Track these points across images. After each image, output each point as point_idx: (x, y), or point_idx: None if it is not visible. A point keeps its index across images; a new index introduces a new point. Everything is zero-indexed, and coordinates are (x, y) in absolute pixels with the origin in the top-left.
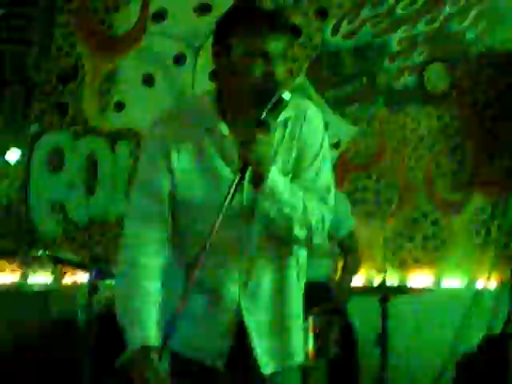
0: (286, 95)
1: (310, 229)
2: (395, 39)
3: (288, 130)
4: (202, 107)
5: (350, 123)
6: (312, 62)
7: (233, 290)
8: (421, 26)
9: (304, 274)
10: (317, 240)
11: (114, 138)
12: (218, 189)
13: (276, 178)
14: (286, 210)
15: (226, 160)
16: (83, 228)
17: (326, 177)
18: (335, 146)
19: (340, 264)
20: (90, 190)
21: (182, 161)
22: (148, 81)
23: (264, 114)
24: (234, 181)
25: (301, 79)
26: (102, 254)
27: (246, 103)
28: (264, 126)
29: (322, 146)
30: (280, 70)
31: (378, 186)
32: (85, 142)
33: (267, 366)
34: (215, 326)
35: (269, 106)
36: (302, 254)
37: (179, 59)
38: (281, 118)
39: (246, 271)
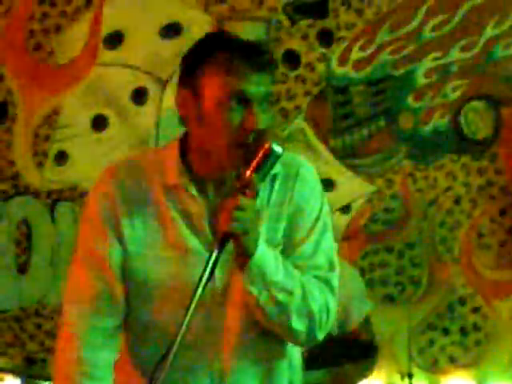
0: (277, 148)
1: (311, 319)
2: (422, 70)
3: (276, 192)
4: (164, 160)
5: (363, 180)
6: (314, 99)
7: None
8: (455, 53)
9: (299, 382)
10: (320, 335)
11: (53, 199)
12: (183, 265)
13: (266, 253)
14: (281, 297)
15: (194, 228)
16: (13, 319)
17: (328, 251)
18: (344, 210)
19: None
20: (22, 269)
21: (135, 228)
22: (99, 124)
23: (248, 173)
24: (209, 257)
25: (299, 123)
26: (37, 354)
27: (222, 160)
28: (249, 187)
29: (320, 212)
30: (263, 118)
31: (402, 262)
32: (15, 204)
33: None
34: None
35: (254, 163)
36: (295, 354)
37: (140, 96)
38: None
39: (218, 377)
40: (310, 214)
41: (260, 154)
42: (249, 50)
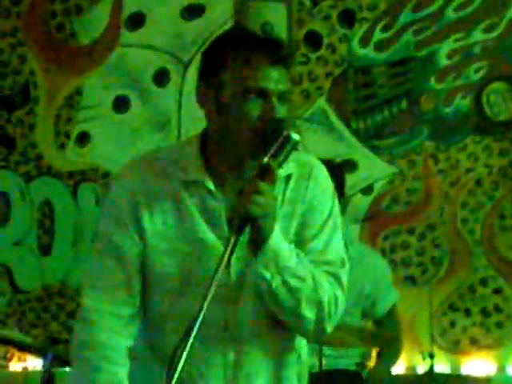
0: (295, 135)
1: (320, 309)
2: (444, 51)
3: (289, 191)
4: (184, 156)
5: (385, 161)
6: (335, 80)
7: None
8: (478, 34)
9: (306, 374)
10: (328, 327)
11: (76, 180)
12: (200, 259)
13: (280, 239)
14: (293, 282)
15: (211, 223)
16: (36, 299)
17: (338, 249)
18: (366, 191)
19: (376, 349)
20: (45, 249)
21: (154, 222)
22: (121, 105)
23: (267, 159)
24: (227, 241)
25: (320, 104)
26: (60, 333)
27: (241, 150)
28: (268, 173)
29: (331, 212)
30: (281, 109)
31: (423, 244)
32: (38, 185)
33: None
34: None
35: (272, 149)
36: (304, 348)
37: (161, 77)
38: (282, 173)
39: (232, 369)
40: (321, 213)
41: (278, 142)
42: (268, 45)
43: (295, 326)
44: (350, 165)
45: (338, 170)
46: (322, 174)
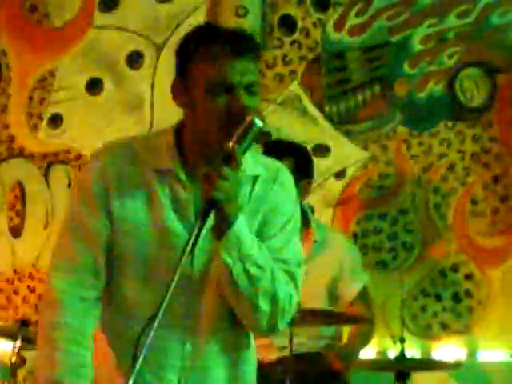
0: (259, 121)
1: (276, 304)
2: (418, 37)
3: (255, 191)
4: (158, 145)
5: (358, 146)
6: (309, 65)
7: (172, 379)
8: (452, 20)
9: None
10: (281, 324)
11: (48, 162)
12: (166, 248)
13: (244, 227)
14: (253, 270)
15: (180, 213)
16: (6, 281)
17: (296, 250)
18: (339, 175)
19: (346, 332)
20: (16, 231)
21: (124, 208)
22: (94, 87)
23: (231, 144)
24: (192, 231)
25: (294, 88)
26: (30, 316)
27: (211, 144)
28: (232, 158)
29: (292, 216)
30: (249, 101)
31: (395, 228)
32: (10, 167)
33: None
34: None
35: (236, 135)
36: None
37: (135, 60)
38: (250, 173)
39: (189, 360)
40: (283, 214)
41: (242, 127)
42: (234, 40)
43: (249, 319)
44: (323, 149)
45: (308, 154)
46: (288, 179)
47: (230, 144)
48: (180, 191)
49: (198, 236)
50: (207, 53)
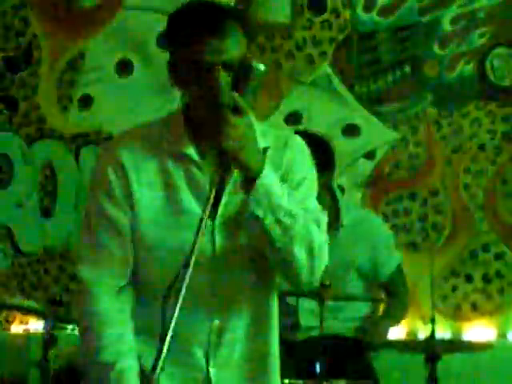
0: (258, 65)
1: (312, 250)
2: (448, 17)
3: (267, 160)
4: (171, 129)
5: (388, 127)
6: (339, 46)
7: (199, 355)
8: (482, 0)
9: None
10: (319, 272)
11: (78, 143)
12: (187, 229)
13: (272, 176)
14: (285, 220)
15: (198, 195)
16: (37, 261)
17: (316, 203)
18: (369, 156)
19: (381, 310)
20: (47, 212)
21: (143, 195)
22: (124, 68)
23: (235, 94)
24: (210, 190)
25: (324, 69)
26: (61, 296)
27: (208, 123)
28: (237, 108)
29: (309, 173)
30: (225, 78)
31: (425, 209)
32: (40, 147)
33: None
34: None
35: (237, 84)
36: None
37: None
38: (260, 145)
39: (216, 335)
40: (299, 172)
41: (242, 72)
42: (208, 20)
43: (289, 272)
44: (353, 130)
45: (327, 145)
46: (298, 143)
47: (234, 93)
48: (195, 173)
49: (217, 200)
50: (185, 34)
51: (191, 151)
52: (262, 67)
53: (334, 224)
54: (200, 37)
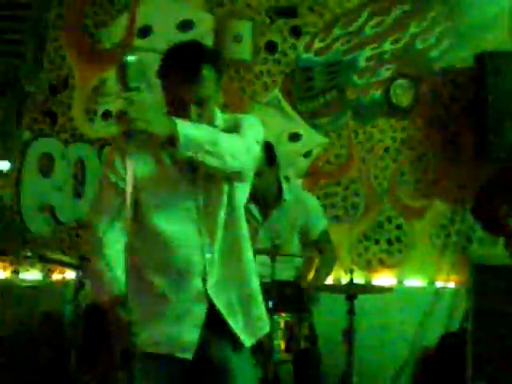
0: (129, 57)
1: (240, 155)
2: (363, 56)
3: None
4: None
5: (320, 134)
6: (286, 76)
7: (194, 283)
8: (387, 45)
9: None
10: (251, 163)
11: (100, 144)
12: (170, 186)
13: (186, 127)
14: (211, 148)
15: (177, 164)
16: (71, 229)
17: (253, 140)
18: (307, 155)
19: (315, 264)
20: (78, 194)
21: (139, 165)
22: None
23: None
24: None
25: (275, 93)
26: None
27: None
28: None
29: (251, 125)
30: (196, 110)
31: (346, 193)
32: (73, 148)
33: (248, 340)
34: (190, 320)
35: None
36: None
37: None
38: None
39: (209, 279)
40: (245, 122)
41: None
42: (188, 65)
43: (233, 174)
44: (296, 137)
45: (272, 148)
46: (248, 115)
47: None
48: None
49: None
50: (167, 77)
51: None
52: (132, 58)
53: (278, 199)
54: (178, 80)
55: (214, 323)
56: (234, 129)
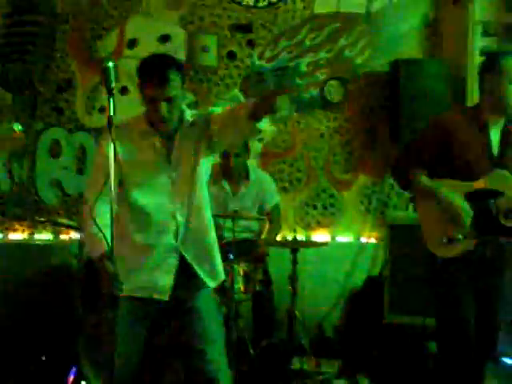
0: (109, 63)
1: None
2: (304, 63)
3: (184, 126)
4: (139, 120)
5: (272, 123)
6: (243, 78)
7: (168, 240)
8: (323, 54)
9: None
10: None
11: (98, 133)
12: (151, 168)
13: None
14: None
15: (156, 152)
16: (75, 199)
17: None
18: (260, 140)
19: (266, 227)
20: (80, 172)
21: (125, 153)
22: (124, 91)
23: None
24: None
25: (235, 92)
26: None
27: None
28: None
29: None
30: (166, 107)
31: (291, 169)
32: (77, 136)
33: (211, 282)
34: (165, 268)
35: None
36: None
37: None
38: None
39: (180, 238)
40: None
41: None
42: (158, 70)
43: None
44: None
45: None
46: (210, 108)
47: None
48: (156, 141)
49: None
50: (143, 80)
51: (150, 129)
52: (110, 64)
53: (245, 179)
54: (151, 83)
55: (184, 270)
56: (201, 121)
